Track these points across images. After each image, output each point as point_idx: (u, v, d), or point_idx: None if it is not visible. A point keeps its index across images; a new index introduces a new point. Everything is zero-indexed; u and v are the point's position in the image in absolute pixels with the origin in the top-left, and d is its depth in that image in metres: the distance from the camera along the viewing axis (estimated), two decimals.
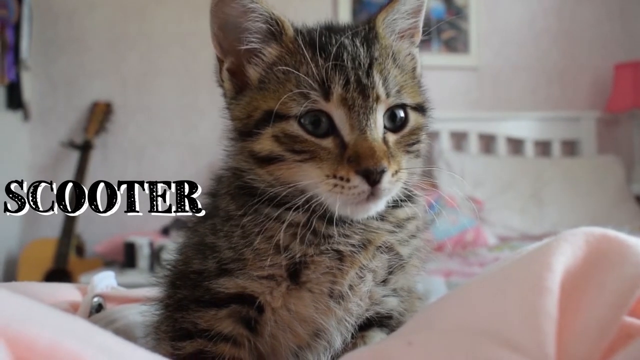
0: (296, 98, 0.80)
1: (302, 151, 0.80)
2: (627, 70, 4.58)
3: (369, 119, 0.79)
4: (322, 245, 0.82)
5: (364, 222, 0.85)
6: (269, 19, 0.85)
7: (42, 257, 3.81)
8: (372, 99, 0.80)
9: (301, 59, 0.82)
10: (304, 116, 0.80)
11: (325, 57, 0.81)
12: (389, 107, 0.83)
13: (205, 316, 0.83)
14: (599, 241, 0.65)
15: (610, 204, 4.32)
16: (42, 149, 4.43)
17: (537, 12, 4.86)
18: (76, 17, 4.49)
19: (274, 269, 0.82)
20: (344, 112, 0.79)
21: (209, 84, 0.95)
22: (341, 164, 0.78)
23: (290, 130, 0.81)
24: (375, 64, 0.82)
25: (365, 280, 0.84)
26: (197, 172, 4.43)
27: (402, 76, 0.85)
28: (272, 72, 0.84)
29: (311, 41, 0.83)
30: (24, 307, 0.54)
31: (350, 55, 0.81)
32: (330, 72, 0.80)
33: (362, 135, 0.78)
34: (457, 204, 3.99)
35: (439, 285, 2.56)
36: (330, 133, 0.80)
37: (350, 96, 0.79)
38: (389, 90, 0.82)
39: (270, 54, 0.86)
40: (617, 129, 4.90)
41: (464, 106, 4.78)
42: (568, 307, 0.59)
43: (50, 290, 1.20)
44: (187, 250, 0.90)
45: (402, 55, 0.89)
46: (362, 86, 0.80)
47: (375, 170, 0.76)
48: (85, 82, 4.49)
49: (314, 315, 0.83)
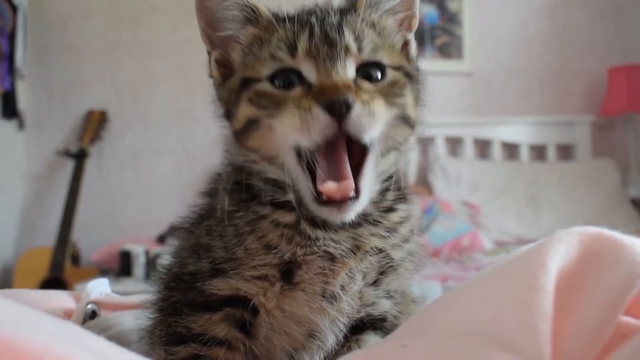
0: (267, 62, 0.82)
1: (270, 105, 0.81)
2: (620, 73, 4.60)
3: (336, 63, 0.79)
4: (310, 247, 0.82)
5: (356, 232, 0.84)
6: (243, 6, 0.88)
7: (38, 266, 3.80)
8: (340, 47, 0.80)
9: (273, 30, 0.85)
10: (276, 78, 0.82)
11: (294, 22, 0.84)
12: (362, 63, 0.82)
13: (199, 320, 0.82)
14: (593, 240, 0.64)
15: (605, 207, 4.33)
16: (37, 157, 4.42)
17: (529, 17, 4.88)
18: (71, 26, 4.49)
19: (266, 269, 0.82)
20: (311, 63, 0.80)
21: (205, 91, 0.97)
22: (306, 98, 0.77)
23: (260, 88, 0.82)
24: (347, 23, 0.83)
25: (355, 279, 0.84)
26: (193, 179, 4.42)
27: (380, 40, 0.86)
28: (250, 50, 0.87)
29: (285, 16, 0.87)
30: (16, 312, 0.54)
31: (319, 17, 0.84)
32: (297, 31, 0.82)
33: (327, 76, 0.78)
34: (453, 209, 4.01)
35: (435, 290, 2.56)
36: (300, 84, 0.81)
37: (315, 47, 0.80)
38: (362, 46, 0.82)
39: (247, 36, 0.89)
40: (612, 133, 4.92)
41: (459, 111, 4.79)
42: (563, 306, 0.58)
43: (45, 297, 1.19)
44: (183, 252, 0.90)
45: (384, 27, 0.90)
46: (330, 38, 0.80)
47: (338, 99, 0.74)
48: (80, 90, 4.49)
49: (309, 315, 0.83)
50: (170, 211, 4.09)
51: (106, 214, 4.43)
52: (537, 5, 4.89)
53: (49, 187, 4.41)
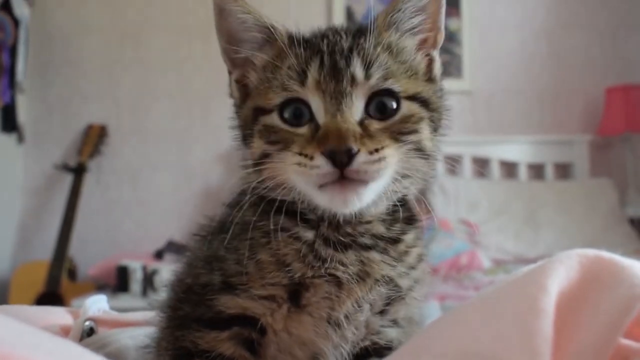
0: (278, 91, 0.82)
1: (278, 141, 0.81)
2: (618, 93, 4.62)
3: (342, 102, 0.78)
4: (319, 269, 0.81)
5: (365, 255, 0.83)
6: (262, 27, 0.87)
7: (34, 280, 3.78)
8: (347, 80, 0.79)
9: (286, 55, 0.84)
10: (285, 108, 0.82)
11: (306, 48, 0.83)
12: (373, 92, 0.81)
13: (207, 337, 0.82)
14: (592, 262, 0.64)
15: (604, 226, 4.33)
16: (36, 171, 4.43)
17: (528, 37, 4.91)
18: (72, 41, 4.52)
19: (274, 289, 0.81)
20: (319, 97, 0.79)
21: (203, 108, 0.97)
22: (310, 143, 0.77)
23: (269, 122, 0.82)
24: (358, 48, 0.82)
25: (362, 310, 0.83)
26: (191, 195, 4.43)
27: (396, 65, 0.84)
28: (264, 74, 0.87)
29: (299, 40, 0.85)
30: (15, 329, 0.53)
31: (330, 42, 0.83)
32: (308, 59, 0.81)
33: (332, 119, 0.78)
34: (452, 227, 4.00)
35: (433, 309, 2.55)
36: (309, 121, 0.81)
37: (324, 80, 0.79)
38: (370, 72, 0.80)
39: (263, 59, 0.88)
40: (610, 152, 4.93)
41: (458, 130, 4.79)
42: (563, 328, 0.58)
43: (42, 313, 1.19)
44: (197, 262, 0.88)
45: (403, 48, 0.87)
46: (337, 69, 0.80)
47: (340, 149, 0.74)
48: (80, 105, 4.50)
49: (314, 339, 0.83)
50: (168, 227, 4.14)
51: (104, 228, 4.42)
52: (536, 26, 4.92)
53: (47, 201, 4.40)
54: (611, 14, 4.96)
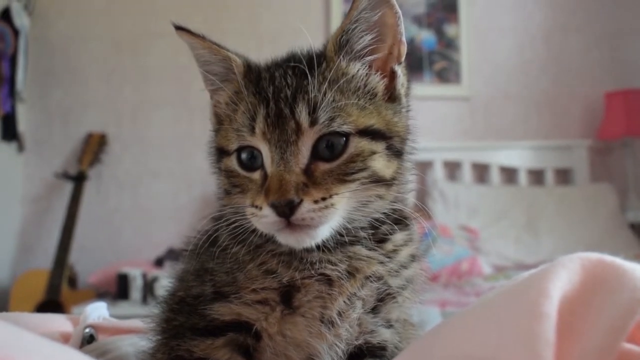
0: (234, 134, 0.84)
1: (237, 185, 0.85)
2: (617, 98, 4.63)
3: (286, 151, 0.79)
4: (308, 270, 0.82)
5: (351, 250, 0.84)
6: (220, 59, 0.90)
7: (34, 289, 3.77)
8: (291, 130, 0.79)
9: (242, 96, 0.85)
10: (242, 151, 0.84)
11: (255, 92, 0.84)
12: (322, 136, 0.80)
13: (201, 345, 0.82)
14: (595, 266, 0.64)
15: (604, 232, 4.32)
16: (36, 180, 4.43)
17: (526, 42, 4.93)
18: (72, 50, 4.53)
19: (266, 293, 0.82)
20: (267, 146, 0.81)
21: (203, 116, 0.98)
22: (260, 194, 0.80)
23: (229, 165, 0.86)
24: (302, 92, 0.81)
25: (354, 307, 0.84)
26: (191, 203, 4.43)
27: (344, 97, 0.82)
28: (226, 109, 0.89)
29: (254, 77, 0.86)
30: (15, 335, 0.53)
31: (276, 87, 0.82)
32: (256, 107, 0.82)
33: (277, 168, 0.79)
34: (452, 233, 4.00)
35: (434, 315, 2.54)
36: (261, 166, 0.83)
37: (268, 129, 0.80)
38: (317, 117, 0.79)
39: (225, 93, 0.90)
40: (610, 157, 4.93)
41: (457, 136, 4.81)
42: (566, 333, 0.58)
43: (42, 320, 1.18)
44: (188, 275, 0.90)
45: (353, 75, 0.85)
46: (282, 118, 0.80)
47: (280, 203, 0.76)
48: (80, 113, 4.51)
49: (308, 340, 0.83)
50: (168, 235, 4.13)
51: (104, 236, 4.42)
52: (534, 31, 4.94)
53: (47, 209, 4.40)
54: (609, 18, 4.98)
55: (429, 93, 4.69)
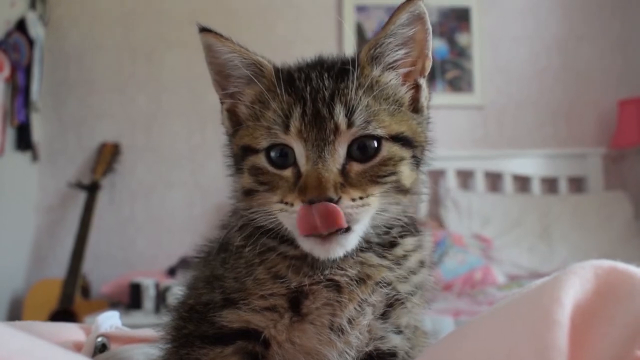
0: (265, 134, 0.84)
1: (265, 182, 0.84)
2: (631, 106, 4.60)
3: (324, 150, 0.80)
4: (317, 276, 0.82)
5: (361, 257, 0.84)
6: (249, 64, 0.89)
7: (48, 298, 3.79)
8: (329, 130, 0.81)
9: (273, 95, 0.86)
10: (272, 149, 0.84)
11: (290, 91, 0.84)
12: (356, 138, 0.82)
13: (211, 353, 0.82)
14: (608, 274, 0.64)
15: (618, 240, 4.28)
16: (50, 189, 4.46)
17: (539, 50, 4.91)
18: (86, 60, 4.57)
19: (274, 299, 0.82)
20: (302, 144, 0.81)
21: (217, 125, 0.99)
22: (292, 192, 0.80)
23: (257, 162, 0.85)
24: (340, 94, 0.82)
25: (365, 314, 0.84)
26: (204, 213, 4.44)
27: (377, 104, 0.84)
28: (253, 109, 0.88)
29: (286, 78, 0.86)
30: (27, 343, 0.54)
31: (313, 87, 0.84)
32: (291, 105, 0.83)
33: (314, 167, 0.79)
34: (465, 242, 3.98)
35: (447, 325, 2.53)
36: (292, 164, 0.83)
37: (305, 128, 0.81)
38: (354, 120, 0.81)
39: (250, 94, 0.90)
40: (624, 165, 4.89)
41: (470, 144, 4.79)
42: (578, 341, 0.58)
43: (55, 329, 1.19)
44: (198, 283, 0.90)
45: (386, 84, 0.88)
46: (320, 118, 0.81)
47: (320, 199, 0.76)
48: (94, 123, 4.54)
49: (317, 347, 0.83)
50: (181, 244, 4.14)
51: (117, 246, 4.44)
52: (548, 39, 4.92)
53: (60, 219, 4.43)
54: (623, 26, 4.96)
55: (442, 102, 4.67)
